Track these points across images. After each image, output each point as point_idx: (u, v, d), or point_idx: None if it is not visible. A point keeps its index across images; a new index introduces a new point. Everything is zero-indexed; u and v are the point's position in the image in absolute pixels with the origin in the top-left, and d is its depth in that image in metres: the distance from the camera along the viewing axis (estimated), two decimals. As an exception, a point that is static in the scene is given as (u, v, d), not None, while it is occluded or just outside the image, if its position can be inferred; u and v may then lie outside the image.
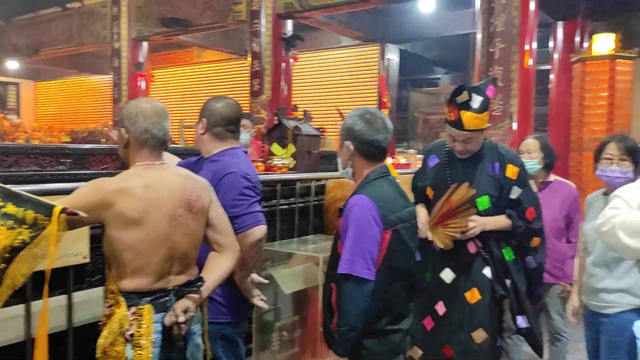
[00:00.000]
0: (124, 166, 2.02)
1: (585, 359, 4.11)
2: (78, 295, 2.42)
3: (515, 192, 2.52)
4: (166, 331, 1.80)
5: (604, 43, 5.75)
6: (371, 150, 2.00)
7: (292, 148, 4.10)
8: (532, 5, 5.81)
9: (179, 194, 1.86)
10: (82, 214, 1.67)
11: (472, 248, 2.53)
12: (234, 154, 2.25)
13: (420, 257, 2.10)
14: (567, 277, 3.32)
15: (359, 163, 2.02)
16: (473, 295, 2.51)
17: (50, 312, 2.49)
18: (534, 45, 5.84)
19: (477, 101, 2.37)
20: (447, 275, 2.54)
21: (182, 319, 1.77)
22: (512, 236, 2.55)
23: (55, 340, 1.79)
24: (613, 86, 5.56)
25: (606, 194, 2.65)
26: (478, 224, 2.45)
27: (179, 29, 9.07)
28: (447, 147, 2.59)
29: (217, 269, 1.94)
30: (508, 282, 2.56)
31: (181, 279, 1.87)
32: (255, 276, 2.29)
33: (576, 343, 4.43)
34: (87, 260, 2.41)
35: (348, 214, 1.91)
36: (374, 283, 1.87)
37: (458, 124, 2.41)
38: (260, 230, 2.13)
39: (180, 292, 1.84)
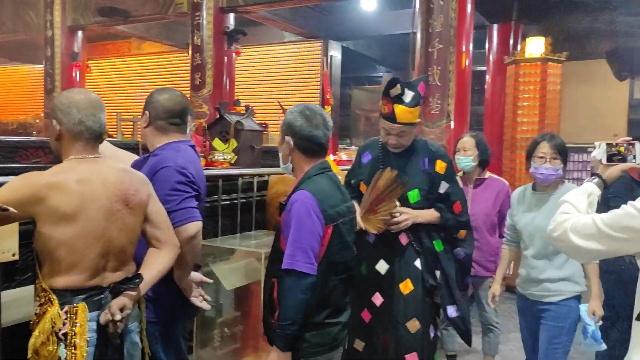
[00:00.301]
0: (58, 160, 1.95)
1: (515, 348, 4.33)
2: (7, 294, 2.32)
3: (444, 187, 2.67)
4: (102, 330, 1.76)
5: (535, 46, 6.02)
6: (310, 146, 2.02)
7: (234, 143, 4.06)
8: (469, 8, 5.98)
9: (115, 188, 1.81)
10: (12, 209, 1.60)
11: (404, 240, 2.64)
12: (176, 148, 2.19)
13: (355, 250, 2.12)
14: None
15: (299, 159, 2.05)
16: (406, 286, 2.62)
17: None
18: (471, 46, 6.03)
19: (409, 96, 2.51)
20: (382, 266, 2.64)
21: (118, 317, 1.73)
22: (442, 228, 2.68)
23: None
24: (544, 88, 5.84)
25: (534, 188, 2.81)
26: (410, 216, 2.57)
27: (118, 19, 8.78)
28: (381, 144, 2.72)
29: (155, 264, 1.91)
30: (438, 272, 2.68)
31: (117, 276, 1.83)
32: (196, 275, 2.26)
33: (507, 334, 4.64)
34: (17, 257, 2.30)
35: (290, 209, 1.93)
36: (315, 277, 1.89)
37: (391, 117, 2.53)
38: (194, 226, 2.06)
39: (117, 289, 1.79)
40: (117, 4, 8.77)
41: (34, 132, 10.09)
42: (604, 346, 2.70)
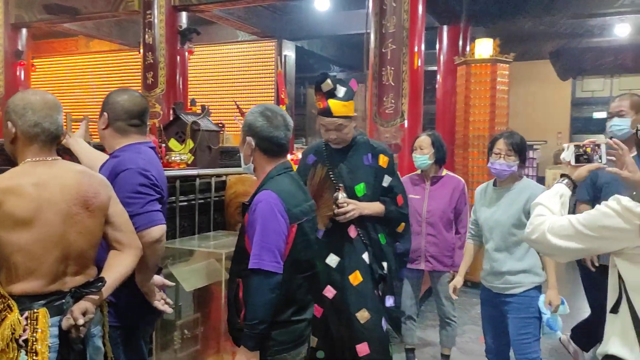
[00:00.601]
0: (8, 162, 1.90)
1: (470, 339, 4.47)
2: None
3: (387, 180, 2.80)
4: (63, 335, 1.73)
5: (485, 47, 6.21)
6: (271, 147, 2.05)
7: (190, 143, 4.02)
8: (420, 9, 6.11)
9: (73, 191, 1.78)
10: None
11: (352, 233, 2.75)
12: (137, 149, 2.16)
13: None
14: (455, 265, 3.58)
15: (260, 159, 2.07)
16: (356, 277, 2.72)
17: None
18: (423, 47, 6.16)
19: (341, 91, 2.65)
20: (332, 260, 2.73)
21: (81, 321, 1.70)
22: (386, 221, 2.82)
23: None
24: (494, 87, 6.05)
25: (495, 184, 2.94)
26: (357, 207, 2.67)
27: (66, 17, 8.51)
28: (324, 145, 2.84)
29: (117, 267, 1.89)
30: (385, 264, 2.79)
31: (78, 280, 1.80)
32: (158, 278, 2.24)
33: (463, 326, 4.79)
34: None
35: (255, 209, 1.94)
36: (281, 276, 1.91)
37: (327, 111, 2.65)
38: (157, 230, 2.03)
39: (78, 293, 1.77)
40: (64, 1, 8.50)
41: (-24, 134, 9.66)
42: (559, 334, 2.82)
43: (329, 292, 2.73)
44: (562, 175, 1.88)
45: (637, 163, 1.94)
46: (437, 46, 8.68)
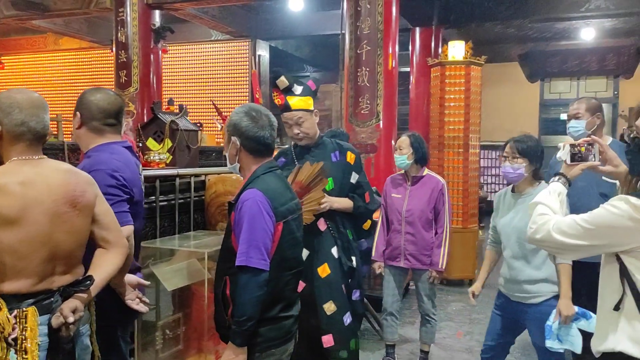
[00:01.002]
0: None
1: (447, 335, 4.56)
2: None
3: (354, 177, 2.90)
4: (52, 333, 1.72)
5: (457, 49, 6.33)
6: (257, 147, 2.07)
7: (168, 143, 4.02)
8: (394, 11, 6.20)
9: (60, 190, 1.78)
10: None
11: (322, 226, 2.84)
12: (110, 149, 2.16)
13: None
14: (433, 264, 3.67)
15: (246, 159, 2.09)
16: (324, 270, 2.81)
17: None
18: (397, 48, 6.25)
19: (298, 89, 2.79)
20: (303, 252, 2.74)
21: (71, 319, 1.70)
22: (353, 217, 2.92)
23: None
24: (469, 89, 6.17)
25: (513, 190, 2.89)
26: (328, 200, 2.77)
27: (35, 13, 8.33)
28: (293, 147, 2.96)
29: (104, 266, 1.89)
30: (353, 258, 2.90)
31: (67, 279, 1.79)
32: (133, 277, 2.22)
33: (440, 322, 4.88)
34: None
35: (241, 207, 1.96)
36: (268, 273, 1.94)
37: (286, 106, 2.79)
38: (125, 230, 2.03)
39: (67, 292, 1.76)
40: (33, -3, 8.33)
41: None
42: (563, 347, 2.59)
43: (299, 285, 2.77)
44: (558, 174, 1.92)
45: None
46: (410, 48, 8.81)
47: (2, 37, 9.89)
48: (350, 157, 2.90)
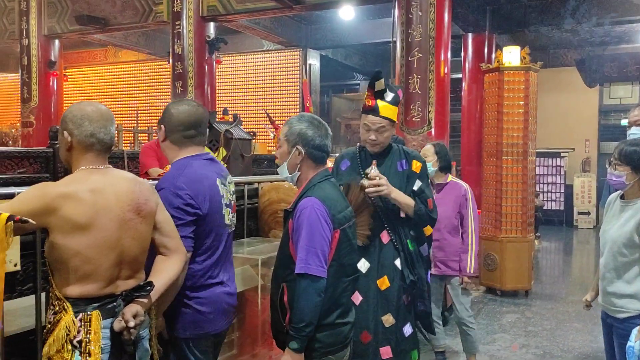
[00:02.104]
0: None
1: (501, 347, 4.45)
2: (7, 304, 2.31)
3: (417, 184, 2.82)
4: (115, 337, 1.78)
5: (513, 55, 6.21)
6: (320, 155, 2.11)
7: (223, 152, 4.10)
8: (446, 18, 6.14)
9: (127, 198, 1.85)
10: (31, 221, 1.63)
11: (385, 238, 2.77)
12: (182, 165, 2.12)
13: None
14: (462, 269, 3.71)
15: (307, 167, 2.10)
16: (384, 282, 2.74)
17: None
18: (449, 55, 6.18)
19: (390, 95, 2.72)
20: (363, 265, 2.72)
21: (132, 323, 1.76)
22: (413, 224, 2.81)
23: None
24: (527, 95, 6.04)
25: (622, 197, 2.72)
26: (388, 186, 2.64)
27: (96, 27, 8.71)
28: (359, 150, 2.88)
29: (165, 272, 1.95)
30: (417, 270, 2.82)
31: (130, 284, 1.86)
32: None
33: (493, 334, 4.77)
34: (18, 267, 2.31)
35: (299, 215, 1.99)
36: (327, 279, 1.96)
37: (374, 110, 2.70)
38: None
39: (129, 296, 1.83)
40: (94, 12, 8.71)
41: (10, 142, 9.90)
42: None
43: (356, 298, 2.75)
44: None
45: None
46: (462, 54, 8.70)
47: (66, 51, 10.37)
48: (416, 165, 2.83)
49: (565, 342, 4.66)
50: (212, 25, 7.97)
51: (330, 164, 2.62)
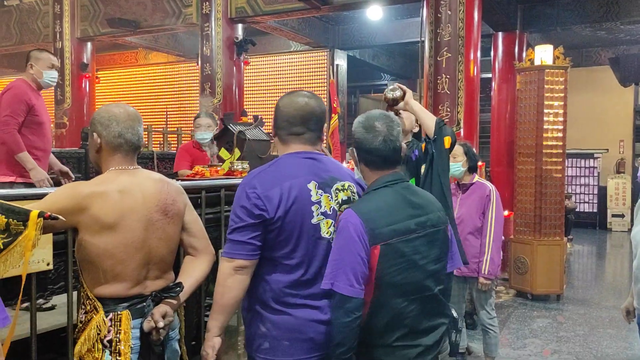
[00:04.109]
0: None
1: (532, 353, 4.36)
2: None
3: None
4: (144, 337, 1.80)
5: (547, 54, 6.09)
6: (371, 159, 1.91)
7: (237, 153, 4.12)
8: (476, 17, 6.06)
9: (154, 199, 1.86)
10: (61, 218, 1.65)
11: None
12: (271, 162, 1.93)
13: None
14: (479, 271, 3.70)
15: (364, 171, 1.97)
16: None
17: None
18: (478, 55, 6.10)
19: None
20: None
21: (161, 324, 1.77)
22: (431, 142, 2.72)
23: (15, 348, 1.73)
24: (566, 95, 5.94)
25: None
26: (409, 97, 2.66)
27: (128, 30, 8.85)
28: None
29: (193, 273, 1.96)
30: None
31: (158, 284, 1.87)
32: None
33: (524, 339, 4.68)
34: (51, 267, 2.35)
35: (337, 227, 1.85)
36: (375, 300, 1.81)
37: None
38: (223, 264, 1.82)
39: (158, 297, 1.84)
40: (126, 15, 8.85)
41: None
42: None
43: None
44: None
45: None
46: (492, 54, 8.56)
47: (98, 53, 10.57)
48: (423, 146, 2.77)
49: (598, 349, 4.54)
50: (240, 26, 8.01)
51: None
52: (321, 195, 1.87)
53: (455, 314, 1.98)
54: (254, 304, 1.87)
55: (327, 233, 1.87)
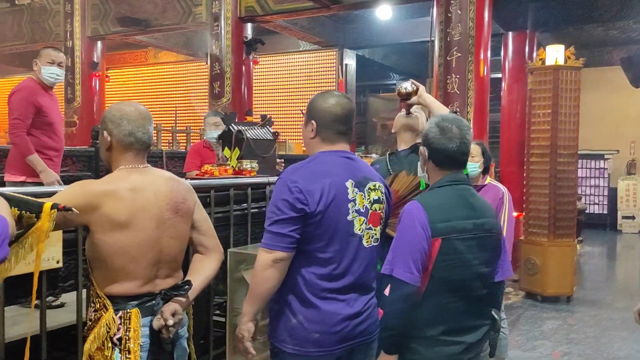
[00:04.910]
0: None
1: (542, 354, 4.32)
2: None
3: None
4: (154, 335, 1.80)
5: (559, 54, 6.05)
6: (442, 159, 1.98)
7: (237, 152, 4.12)
8: (486, 17, 6.03)
9: (165, 197, 1.86)
10: (75, 210, 1.64)
11: None
12: (311, 158, 1.96)
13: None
14: None
15: (431, 169, 2.03)
16: None
17: (20, 319, 2.45)
18: (489, 54, 6.06)
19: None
20: None
21: (171, 322, 1.77)
22: None
23: (25, 345, 1.74)
24: (578, 96, 5.90)
25: None
26: (422, 91, 2.68)
27: (138, 29, 8.89)
28: (388, 155, 2.89)
29: (202, 271, 1.96)
30: None
31: (168, 282, 1.87)
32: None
33: (534, 341, 4.65)
34: (60, 264, 2.35)
35: (400, 217, 1.93)
36: (427, 290, 1.87)
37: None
38: (262, 254, 1.86)
39: (168, 295, 1.84)
40: (136, 14, 8.89)
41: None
42: None
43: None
44: None
45: None
46: (502, 53, 8.51)
47: (108, 52, 10.62)
48: None
49: (610, 351, 4.50)
50: (249, 26, 8.02)
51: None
52: (357, 193, 1.94)
53: (497, 316, 2.01)
54: (285, 295, 1.91)
55: (359, 230, 1.94)
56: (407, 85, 2.68)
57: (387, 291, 1.87)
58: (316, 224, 1.85)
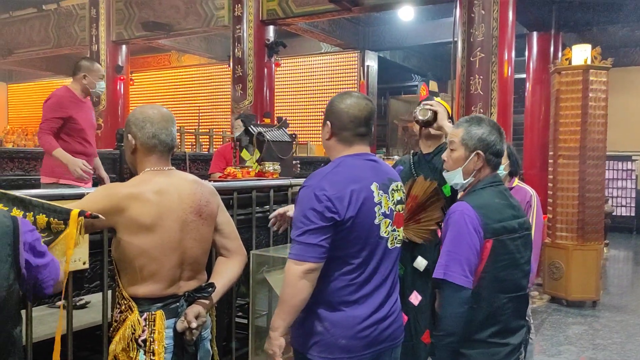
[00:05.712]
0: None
1: (545, 356, 4.25)
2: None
3: None
4: (177, 337, 1.82)
5: (586, 54, 5.94)
6: (497, 161, 2.00)
7: (257, 153, 4.15)
8: (510, 17, 5.96)
9: (189, 200, 1.88)
10: (101, 217, 1.67)
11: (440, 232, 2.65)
12: (338, 162, 1.90)
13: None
14: None
15: (484, 172, 2.00)
16: (416, 297, 2.61)
17: (49, 318, 2.49)
18: (512, 55, 6.00)
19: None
20: (420, 263, 2.59)
21: (194, 324, 1.78)
22: None
23: (51, 345, 1.77)
24: (607, 97, 5.80)
25: None
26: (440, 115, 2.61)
27: (161, 33, 9.00)
28: (412, 156, 2.82)
29: (225, 274, 1.97)
30: None
31: (192, 285, 1.88)
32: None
33: (559, 346, 4.57)
34: (87, 266, 2.39)
35: (448, 219, 1.92)
36: (478, 292, 1.86)
37: (429, 97, 2.72)
38: (291, 265, 1.80)
39: (191, 297, 1.85)
40: (160, 18, 9.00)
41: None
42: None
43: (415, 298, 2.66)
44: None
45: None
46: (526, 54, 8.42)
47: (132, 56, 10.79)
48: None
49: (636, 357, 4.40)
50: (271, 28, 8.07)
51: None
52: (382, 196, 1.90)
53: (529, 318, 2.05)
54: (312, 302, 1.85)
55: (385, 233, 1.90)
56: (425, 114, 2.58)
57: (441, 296, 1.86)
58: (348, 229, 1.80)
